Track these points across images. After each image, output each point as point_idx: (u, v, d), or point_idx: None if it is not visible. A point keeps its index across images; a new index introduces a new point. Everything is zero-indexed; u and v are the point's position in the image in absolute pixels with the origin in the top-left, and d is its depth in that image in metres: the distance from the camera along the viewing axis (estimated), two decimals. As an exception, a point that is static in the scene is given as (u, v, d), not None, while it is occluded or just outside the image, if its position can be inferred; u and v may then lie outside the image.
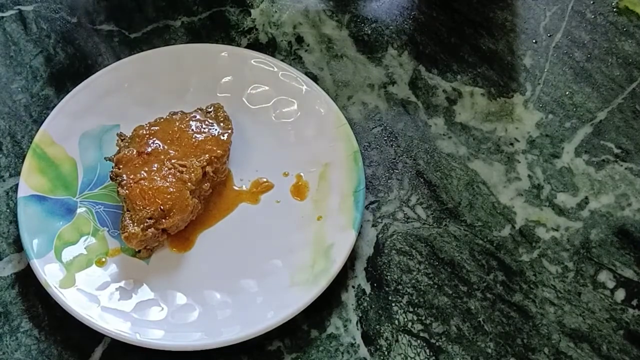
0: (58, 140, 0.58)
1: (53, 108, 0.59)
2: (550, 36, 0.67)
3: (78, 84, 0.60)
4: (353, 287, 0.55)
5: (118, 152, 0.56)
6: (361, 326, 0.53)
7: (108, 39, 0.66)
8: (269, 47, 0.66)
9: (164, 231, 0.54)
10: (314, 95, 0.61)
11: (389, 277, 0.55)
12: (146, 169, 0.54)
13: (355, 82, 0.64)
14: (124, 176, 0.54)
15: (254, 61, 0.62)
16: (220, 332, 0.50)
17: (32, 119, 0.61)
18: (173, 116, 0.58)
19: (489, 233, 0.57)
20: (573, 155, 0.61)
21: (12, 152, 0.60)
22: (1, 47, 0.65)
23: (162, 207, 0.52)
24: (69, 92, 0.60)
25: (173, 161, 0.55)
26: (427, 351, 0.52)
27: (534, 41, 0.66)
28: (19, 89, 0.63)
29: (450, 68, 0.65)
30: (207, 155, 0.56)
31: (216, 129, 0.57)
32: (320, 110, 0.60)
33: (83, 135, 0.59)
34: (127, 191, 0.53)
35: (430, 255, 0.56)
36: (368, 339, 0.53)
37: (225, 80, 0.62)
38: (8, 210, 0.57)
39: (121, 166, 0.54)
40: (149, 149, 0.55)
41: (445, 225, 0.57)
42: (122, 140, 0.56)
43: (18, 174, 0.57)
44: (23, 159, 0.57)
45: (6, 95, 0.63)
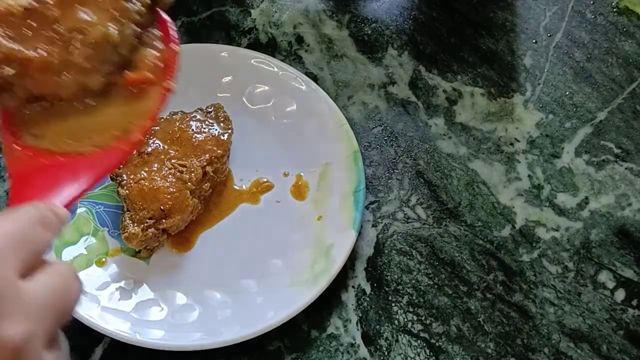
0: (58, 140, 0.58)
1: (53, 108, 0.59)
2: (550, 36, 0.67)
3: (78, 84, 0.60)
4: (353, 287, 0.55)
5: (118, 153, 0.55)
6: (361, 326, 0.53)
7: (108, 39, 0.66)
8: (269, 47, 0.66)
9: (164, 231, 0.54)
10: (314, 95, 0.61)
11: (389, 277, 0.55)
12: (146, 169, 0.54)
13: (355, 82, 0.64)
14: (124, 176, 0.54)
15: (254, 61, 0.62)
16: (220, 332, 0.50)
17: (32, 119, 0.61)
18: (173, 116, 0.58)
19: (489, 233, 0.57)
20: (573, 155, 0.61)
21: (12, 152, 0.60)
22: (1, 47, 0.65)
23: (163, 207, 0.52)
24: (69, 92, 0.60)
25: (173, 161, 0.55)
26: (427, 351, 0.52)
27: (534, 41, 0.66)
28: (19, 89, 0.63)
29: (450, 68, 0.65)
30: (208, 155, 0.55)
31: (216, 129, 0.57)
32: (320, 110, 0.60)
33: (83, 135, 0.59)
34: (127, 191, 0.53)
35: (430, 255, 0.56)
36: (368, 339, 0.53)
37: (225, 80, 0.62)
38: (8, 210, 0.57)
39: (121, 166, 0.54)
40: (149, 149, 0.55)
41: (445, 225, 0.57)
42: None
43: (18, 174, 0.57)
44: (23, 159, 0.57)
45: (6, 95, 0.63)
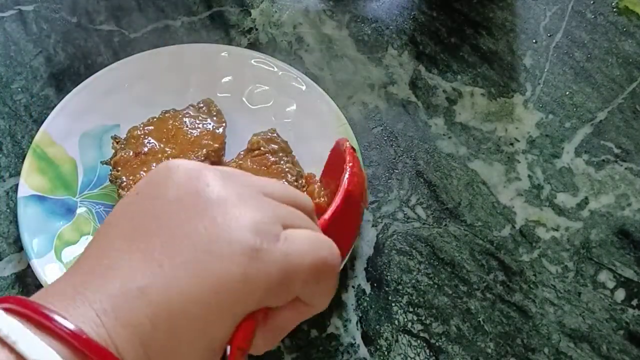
0: (58, 140, 0.58)
1: (53, 108, 0.59)
2: (550, 36, 0.67)
3: (78, 84, 0.60)
4: (353, 287, 0.54)
5: (115, 155, 0.55)
6: (361, 326, 0.53)
7: (108, 39, 0.66)
8: (269, 47, 0.66)
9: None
10: (314, 95, 0.61)
11: (389, 277, 0.55)
12: (145, 169, 0.54)
13: (355, 82, 0.64)
14: (124, 178, 0.54)
15: (254, 61, 0.62)
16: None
17: (32, 119, 0.61)
18: (165, 114, 0.58)
19: (489, 233, 0.57)
20: (573, 155, 0.61)
21: (12, 152, 0.60)
22: (1, 47, 0.65)
23: (162, 207, 0.52)
24: (69, 92, 0.60)
25: (170, 159, 0.55)
26: (427, 351, 0.52)
27: (534, 41, 0.66)
28: (19, 89, 0.63)
29: (450, 68, 0.65)
30: (205, 149, 0.55)
31: (210, 124, 0.57)
32: (320, 110, 0.60)
33: (83, 135, 0.59)
34: (128, 192, 0.53)
35: (430, 255, 0.56)
36: (368, 339, 0.53)
37: (225, 80, 0.62)
38: (8, 210, 0.57)
39: (119, 168, 0.54)
40: (146, 149, 0.55)
41: (445, 225, 0.57)
42: (118, 142, 0.56)
43: (18, 174, 0.57)
44: (23, 159, 0.57)
45: (6, 95, 0.63)
